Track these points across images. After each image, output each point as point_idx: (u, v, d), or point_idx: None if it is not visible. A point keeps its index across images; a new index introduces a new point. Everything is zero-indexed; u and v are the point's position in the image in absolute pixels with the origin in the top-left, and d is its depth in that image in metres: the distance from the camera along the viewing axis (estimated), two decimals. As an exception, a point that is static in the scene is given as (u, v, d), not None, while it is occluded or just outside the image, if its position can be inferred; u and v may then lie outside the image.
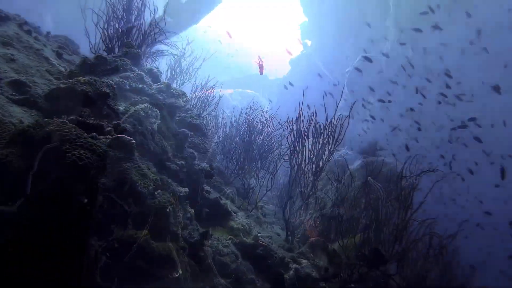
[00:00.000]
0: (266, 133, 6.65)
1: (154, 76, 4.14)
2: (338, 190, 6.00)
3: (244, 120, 6.56)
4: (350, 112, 5.70)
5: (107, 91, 3.64)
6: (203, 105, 7.50)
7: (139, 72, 3.95)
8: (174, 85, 8.05)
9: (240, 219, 4.27)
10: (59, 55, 4.02)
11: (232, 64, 27.55)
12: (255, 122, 6.54)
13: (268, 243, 4.00)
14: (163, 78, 8.07)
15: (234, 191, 6.15)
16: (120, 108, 3.63)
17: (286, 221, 6.03)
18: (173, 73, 7.78)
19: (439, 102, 9.86)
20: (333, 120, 5.68)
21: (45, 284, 1.65)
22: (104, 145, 2.60)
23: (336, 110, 5.70)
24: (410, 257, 5.92)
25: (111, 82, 3.73)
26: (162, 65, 7.93)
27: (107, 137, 2.73)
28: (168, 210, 2.68)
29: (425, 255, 5.71)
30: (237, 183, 6.57)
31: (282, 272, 3.84)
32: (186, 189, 3.36)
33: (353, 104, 5.71)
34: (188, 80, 7.87)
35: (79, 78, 3.59)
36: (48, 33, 6.48)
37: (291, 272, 4.02)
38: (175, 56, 7.66)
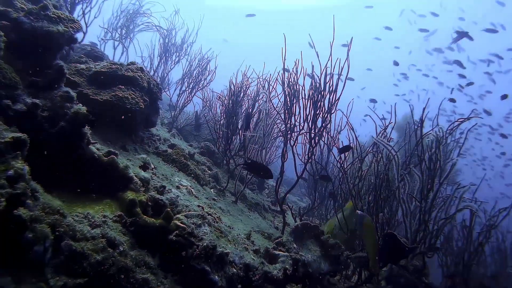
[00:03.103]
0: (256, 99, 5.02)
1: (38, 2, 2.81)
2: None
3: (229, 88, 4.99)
4: (347, 55, 3.91)
5: None
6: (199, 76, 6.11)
7: (10, -5, 2.65)
8: (168, 62, 6.83)
9: (169, 194, 2.72)
10: None
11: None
12: (243, 89, 4.94)
13: (194, 224, 2.39)
14: (155, 54, 6.94)
15: (215, 172, 4.59)
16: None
17: (278, 202, 4.36)
18: (166, 48, 6.46)
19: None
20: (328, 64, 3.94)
21: None
22: None
23: (331, 53, 3.96)
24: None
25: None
26: (155, 42, 6.71)
27: None
28: None
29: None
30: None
31: (206, 271, 2.20)
32: (19, 135, 1.91)
33: (350, 42, 3.90)
34: (184, 56, 6.54)
35: None
36: None
37: (233, 270, 2.36)
38: (165, 30, 6.36)
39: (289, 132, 4.25)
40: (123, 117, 3.28)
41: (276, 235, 3.93)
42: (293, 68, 4.31)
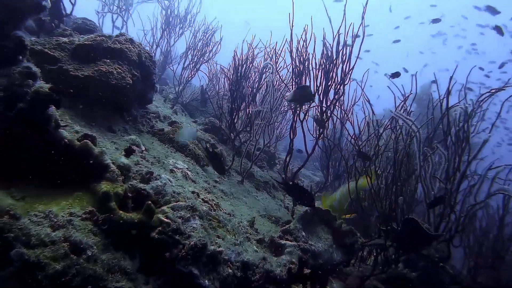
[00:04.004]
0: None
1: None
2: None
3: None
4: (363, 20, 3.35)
5: None
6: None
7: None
8: (172, 36, 6.34)
9: (156, 182, 2.32)
10: None
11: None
12: (249, 59, 4.43)
13: (181, 218, 2.00)
14: (157, 27, 6.45)
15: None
16: None
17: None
18: (169, 20, 5.94)
19: None
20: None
21: None
22: None
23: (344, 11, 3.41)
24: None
25: None
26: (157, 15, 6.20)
27: None
28: None
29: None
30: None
31: (194, 274, 1.82)
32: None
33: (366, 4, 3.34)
34: (188, 28, 6.02)
35: None
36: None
37: (228, 270, 1.98)
38: (166, 1, 5.82)
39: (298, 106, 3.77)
40: (108, 94, 2.87)
41: (285, 218, 3.55)
42: (301, 35, 3.79)
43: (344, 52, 3.64)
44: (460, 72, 3.46)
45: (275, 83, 4.11)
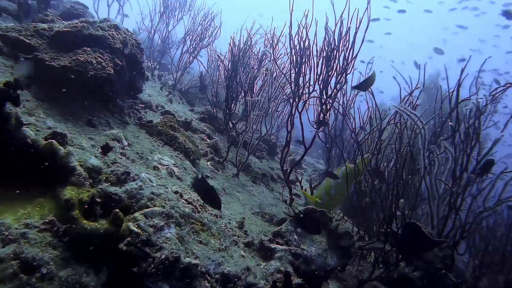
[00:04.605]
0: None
1: None
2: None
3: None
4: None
5: None
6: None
7: None
8: (171, 22, 6.03)
9: (130, 184, 2.10)
10: None
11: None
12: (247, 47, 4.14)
13: (153, 227, 1.80)
14: (156, 11, 6.14)
15: (214, 142, 3.96)
16: None
17: (285, 177, 3.71)
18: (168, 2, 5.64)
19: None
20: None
21: None
22: None
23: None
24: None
25: None
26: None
27: None
28: None
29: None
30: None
31: (164, 291, 1.63)
32: None
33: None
34: (187, 11, 5.72)
35: None
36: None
37: (206, 285, 1.79)
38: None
39: (296, 97, 3.50)
40: (88, 85, 2.64)
41: (280, 216, 3.33)
42: (301, 20, 3.48)
43: (347, 39, 3.34)
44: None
45: (273, 71, 3.82)
